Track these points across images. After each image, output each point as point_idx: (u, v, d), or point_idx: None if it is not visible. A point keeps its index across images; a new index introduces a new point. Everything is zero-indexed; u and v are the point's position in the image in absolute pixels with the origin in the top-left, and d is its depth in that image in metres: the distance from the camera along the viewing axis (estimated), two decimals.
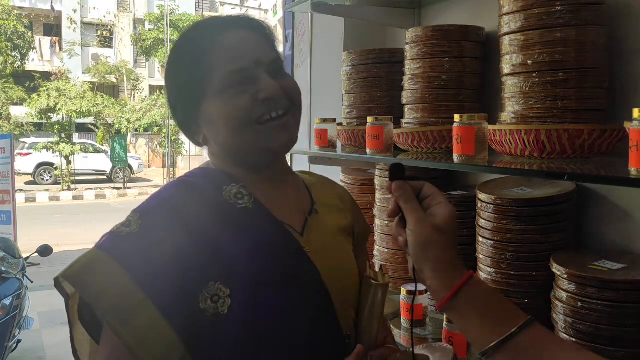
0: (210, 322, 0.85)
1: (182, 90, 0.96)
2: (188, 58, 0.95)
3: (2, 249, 4.22)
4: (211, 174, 0.98)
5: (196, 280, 0.85)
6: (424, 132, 1.56)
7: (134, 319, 0.81)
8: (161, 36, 20.77)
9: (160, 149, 20.29)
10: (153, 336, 0.82)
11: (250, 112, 0.90)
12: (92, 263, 0.85)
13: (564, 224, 1.44)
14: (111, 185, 17.19)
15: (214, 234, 0.89)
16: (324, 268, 0.94)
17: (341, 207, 1.09)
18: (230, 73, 0.91)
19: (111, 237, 0.88)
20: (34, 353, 4.88)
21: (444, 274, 0.79)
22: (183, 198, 0.92)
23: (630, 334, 1.17)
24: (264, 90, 0.91)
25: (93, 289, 0.83)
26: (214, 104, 0.92)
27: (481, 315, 0.77)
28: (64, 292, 0.88)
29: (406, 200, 0.83)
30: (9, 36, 17.31)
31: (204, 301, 0.85)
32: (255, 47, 0.93)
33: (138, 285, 0.82)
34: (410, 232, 0.81)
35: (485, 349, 0.75)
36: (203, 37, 0.95)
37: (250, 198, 0.94)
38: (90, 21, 24.13)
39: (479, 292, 0.79)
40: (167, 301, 0.83)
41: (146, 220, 0.88)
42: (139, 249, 0.85)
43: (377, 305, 0.99)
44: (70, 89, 16.41)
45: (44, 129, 17.22)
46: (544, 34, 1.31)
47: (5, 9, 17.37)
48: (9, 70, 17.82)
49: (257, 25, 0.98)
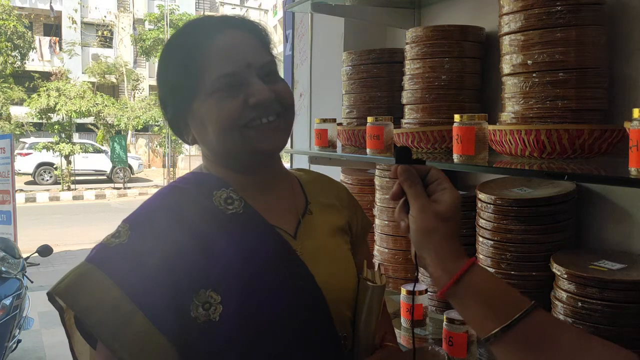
0: (202, 329, 0.85)
1: (173, 88, 0.95)
2: (180, 56, 0.94)
3: (2, 249, 4.22)
4: (202, 179, 0.97)
5: (187, 289, 0.85)
6: (424, 132, 1.56)
7: (126, 331, 0.81)
8: (161, 36, 20.75)
9: (160, 149, 20.29)
10: (146, 347, 0.82)
11: (240, 116, 0.90)
12: (82, 277, 0.85)
13: (564, 224, 1.44)
14: (111, 185, 17.19)
15: (204, 242, 0.88)
16: (318, 270, 0.93)
17: (337, 206, 1.08)
18: (221, 76, 0.90)
19: (101, 248, 0.88)
20: (34, 353, 4.88)
21: (445, 261, 0.78)
22: (173, 206, 0.92)
23: (630, 334, 1.17)
24: (254, 96, 0.90)
25: (83, 303, 0.83)
26: (204, 105, 0.91)
27: (484, 302, 0.76)
28: (58, 306, 0.88)
29: (410, 185, 0.82)
30: (9, 36, 17.30)
31: (195, 309, 0.85)
32: (248, 50, 0.92)
33: (128, 297, 0.82)
34: (413, 219, 0.81)
35: (489, 335, 0.74)
36: (196, 36, 0.94)
37: (240, 202, 0.94)
38: (90, 21, 24.14)
39: (481, 279, 0.78)
40: (158, 311, 0.83)
41: (135, 231, 0.88)
42: (128, 260, 0.85)
43: (374, 307, 0.98)
44: (70, 89, 16.40)
45: (44, 129, 17.22)
46: (544, 34, 1.31)
47: (5, 9, 17.36)
48: (9, 70, 17.81)
49: (251, 26, 0.97)
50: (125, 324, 0.81)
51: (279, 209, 0.97)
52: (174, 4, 22.03)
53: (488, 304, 0.76)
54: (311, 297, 0.92)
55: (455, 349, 1.43)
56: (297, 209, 1.00)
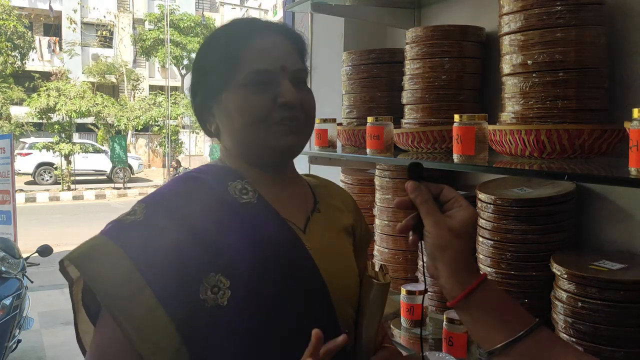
0: (209, 313, 0.86)
1: (206, 76, 0.98)
2: (219, 47, 0.98)
3: (2, 249, 4.22)
4: (218, 170, 1.00)
5: (197, 271, 0.86)
6: (424, 132, 1.56)
7: (133, 304, 0.82)
8: (161, 36, 20.78)
9: (160, 148, 20.29)
10: (150, 323, 0.83)
11: (267, 113, 0.93)
12: (95, 247, 0.86)
13: (564, 224, 1.44)
14: (111, 185, 17.19)
15: (217, 227, 0.90)
16: (324, 266, 0.95)
17: (343, 209, 1.10)
18: (255, 71, 0.93)
19: (116, 224, 0.89)
20: (34, 353, 4.88)
21: (458, 275, 0.81)
22: (188, 191, 0.94)
23: (630, 334, 1.17)
24: (283, 96, 0.93)
25: (94, 271, 0.84)
26: (233, 97, 0.94)
27: (492, 316, 0.79)
28: (69, 277, 0.89)
29: (421, 202, 0.85)
30: (9, 36, 17.32)
31: (204, 292, 0.86)
32: (285, 53, 0.97)
33: (138, 271, 0.83)
34: (428, 234, 0.83)
35: (493, 348, 0.77)
36: (239, 32, 0.98)
37: (254, 194, 0.96)
38: (90, 21, 24.14)
39: (492, 294, 0.81)
40: (167, 290, 0.84)
41: (151, 210, 0.90)
42: (142, 236, 0.86)
43: (377, 305, 1.00)
44: (70, 89, 16.41)
45: (44, 129, 17.23)
46: (544, 34, 1.31)
47: (5, 9, 17.37)
48: (9, 70, 17.83)
49: (293, 34, 1.02)
50: (132, 297, 0.82)
51: (290, 204, 1.00)
52: (174, 4, 22.03)
53: (496, 318, 0.79)
54: (316, 290, 0.94)
55: (455, 349, 1.43)
56: (307, 206, 1.03)
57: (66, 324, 5.43)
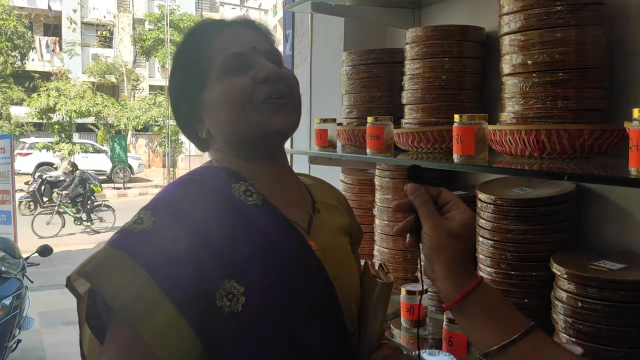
0: (226, 321, 0.85)
1: (185, 84, 0.98)
2: (190, 54, 0.98)
3: (2, 249, 4.22)
4: (217, 172, 0.98)
5: (212, 278, 0.85)
6: (424, 132, 1.56)
7: (153, 316, 0.81)
8: (161, 36, 20.77)
9: (160, 148, 20.30)
10: (171, 334, 0.81)
11: (251, 92, 0.92)
12: (107, 261, 0.84)
13: (564, 224, 1.44)
14: (111, 185, 17.17)
15: (227, 230, 0.88)
16: (329, 266, 0.95)
17: (339, 208, 1.10)
18: (229, 56, 0.93)
19: (124, 234, 0.86)
20: (34, 353, 4.88)
21: (455, 277, 0.81)
22: (193, 195, 0.92)
23: (630, 334, 1.17)
24: (261, 71, 0.93)
25: (110, 286, 0.81)
26: (214, 90, 0.94)
27: (487, 319, 0.79)
28: (77, 293, 0.87)
29: (420, 204, 0.84)
30: (9, 36, 17.31)
31: (220, 299, 0.85)
32: (252, 38, 0.98)
33: (155, 282, 0.81)
34: (426, 236, 0.83)
35: (488, 351, 0.77)
36: (203, 34, 0.98)
37: (259, 196, 0.95)
38: (90, 21, 24.14)
39: (488, 297, 0.81)
40: (185, 299, 0.82)
41: (159, 218, 0.87)
42: (154, 246, 0.84)
43: (381, 304, 1.00)
44: (70, 89, 16.41)
45: (44, 129, 17.23)
46: (544, 34, 1.31)
47: (5, 9, 17.37)
48: (9, 70, 17.83)
49: (255, 24, 1.02)
50: (152, 309, 0.81)
51: (292, 204, 0.99)
52: (174, 4, 22.02)
53: (492, 321, 0.79)
54: (325, 291, 0.93)
55: (455, 349, 1.44)
56: (307, 207, 1.02)
57: (66, 324, 5.43)
